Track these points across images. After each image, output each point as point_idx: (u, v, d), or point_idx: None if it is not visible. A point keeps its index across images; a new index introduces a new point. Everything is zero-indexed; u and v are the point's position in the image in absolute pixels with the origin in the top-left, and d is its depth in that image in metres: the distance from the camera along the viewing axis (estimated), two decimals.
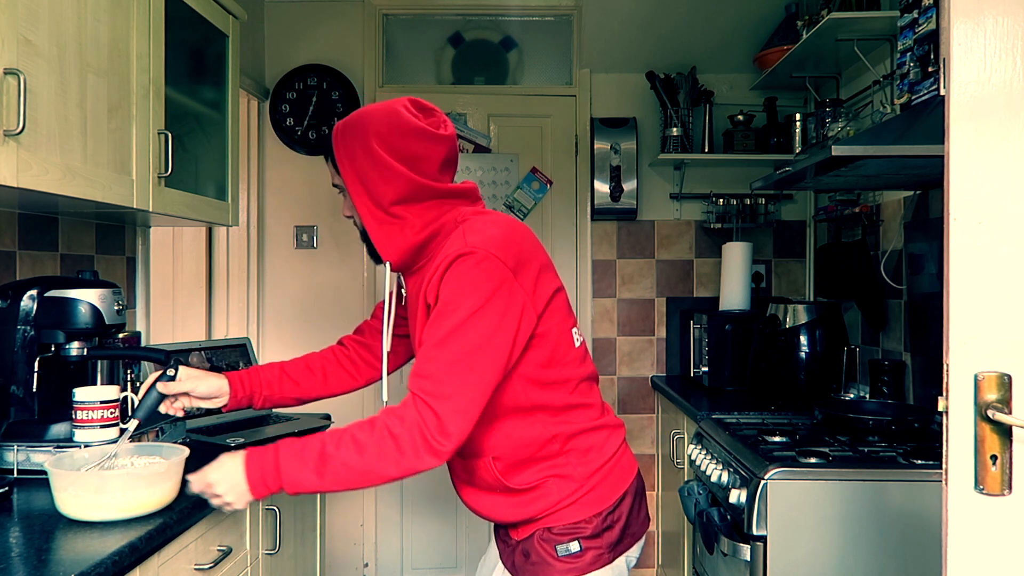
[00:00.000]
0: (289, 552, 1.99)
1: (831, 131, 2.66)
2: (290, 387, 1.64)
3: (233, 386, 1.58)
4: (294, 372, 1.66)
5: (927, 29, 1.96)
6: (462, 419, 1.28)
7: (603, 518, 1.44)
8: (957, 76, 1.03)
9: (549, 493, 1.43)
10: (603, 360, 3.45)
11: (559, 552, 1.42)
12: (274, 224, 3.36)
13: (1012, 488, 1.00)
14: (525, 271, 1.37)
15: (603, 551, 1.43)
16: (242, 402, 1.60)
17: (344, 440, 1.28)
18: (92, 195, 1.56)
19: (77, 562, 1.12)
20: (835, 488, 1.74)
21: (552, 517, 1.44)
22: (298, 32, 3.35)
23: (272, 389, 1.62)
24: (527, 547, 1.46)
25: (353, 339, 1.72)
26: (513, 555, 1.51)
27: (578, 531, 1.42)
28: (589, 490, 1.44)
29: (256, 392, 1.61)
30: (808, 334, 2.64)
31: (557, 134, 3.42)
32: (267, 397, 1.62)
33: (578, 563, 1.42)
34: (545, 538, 1.43)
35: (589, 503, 1.44)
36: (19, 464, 1.56)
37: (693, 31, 3.24)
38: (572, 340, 1.47)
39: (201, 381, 1.54)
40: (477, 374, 1.29)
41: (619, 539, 1.46)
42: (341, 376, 1.69)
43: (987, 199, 1.02)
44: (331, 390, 1.69)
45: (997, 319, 1.01)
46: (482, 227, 1.38)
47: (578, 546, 1.42)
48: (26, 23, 1.36)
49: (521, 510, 1.45)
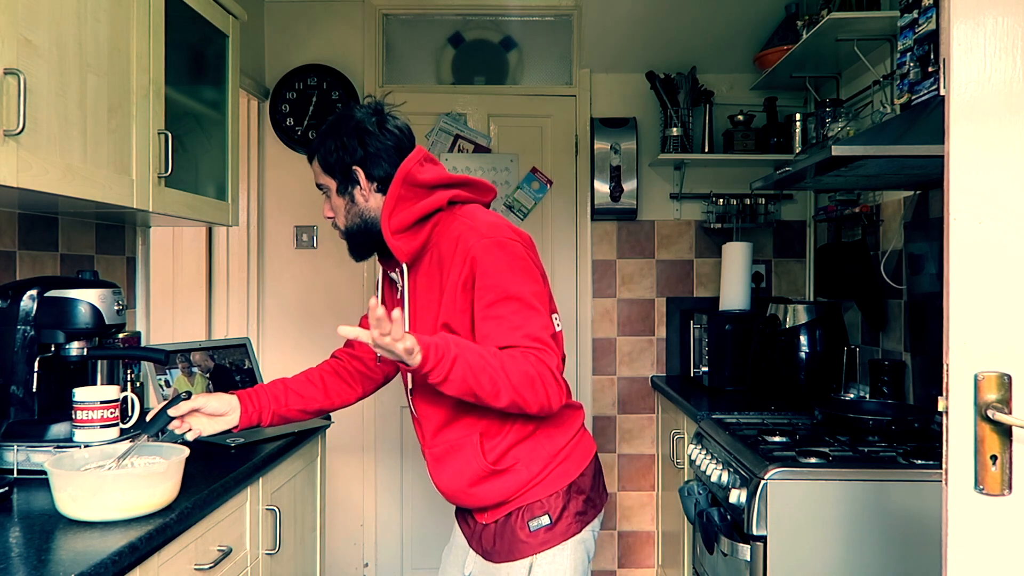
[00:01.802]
0: (289, 552, 1.99)
1: (831, 131, 2.66)
2: (296, 400, 1.69)
3: (243, 403, 1.62)
4: (297, 386, 1.70)
5: (927, 29, 1.95)
6: (560, 372, 1.44)
7: (569, 490, 1.53)
8: (957, 76, 1.03)
9: (520, 472, 1.50)
10: (603, 360, 3.46)
11: (531, 527, 1.50)
12: (274, 224, 3.36)
13: (1012, 488, 1.00)
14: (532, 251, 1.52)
15: (572, 521, 1.53)
16: (252, 418, 1.63)
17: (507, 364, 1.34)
18: (92, 195, 1.56)
19: (77, 562, 1.12)
20: (835, 488, 1.74)
21: (523, 496, 1.52)
22: (298, 32, 3.35)
23: (279, 404, 1.66)
24: (499, 528, 1.53)
25: (345, 352, 1.79)
26: (482, 538, 1.56)
27: (547, 505, 1.51)
28: (556, 465, 1.53)
29: (265, 408, 1.64)
30: (808, 334, 2.64)
31: (557, 134, 3.42)
32: (275, 412, 1.66)
33: (551, 534, 1.51)
34: (516, 516, 1.51)
35: (557, 477, 1.53)
36: (19, 464, 1.56)
37: (693, 31, 3.24)
38: (554, 324, 1.52)
39: (213, 397, 1.59)
40: (551, 330, 1.45)
41: (584, 509, 1.55)
42: (339, 387, 1.75)
43: (987, 199, 1.02)
44: (332, 402, 1.74)
45: (997, 319, 1.01)
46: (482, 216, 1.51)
47: (548, 519, 1.51)
48: (26, 23, 1.36)
49: (495, 491, 1.52)
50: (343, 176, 1.55)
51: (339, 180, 1.56)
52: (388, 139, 1.54)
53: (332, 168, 1.55)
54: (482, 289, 1.42)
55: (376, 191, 1.55)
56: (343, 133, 1.54)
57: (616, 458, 3.46)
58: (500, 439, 1.51)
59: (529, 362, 1.36)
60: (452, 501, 1.61)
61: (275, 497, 1.89)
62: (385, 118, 1.56)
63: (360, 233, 1.58)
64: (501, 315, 1.40)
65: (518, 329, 1.39)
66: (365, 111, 1.56)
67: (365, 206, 1.56)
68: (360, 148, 1.53)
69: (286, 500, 1.96)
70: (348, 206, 1.57)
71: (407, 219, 1.49)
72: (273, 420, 1.66)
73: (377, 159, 1.53)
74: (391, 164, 1.53)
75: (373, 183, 1.54)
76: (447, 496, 1.60)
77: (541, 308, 1.43)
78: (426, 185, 1.51)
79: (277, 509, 1.86)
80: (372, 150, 1.53)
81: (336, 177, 1.56)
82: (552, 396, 1.38)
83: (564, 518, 1.52)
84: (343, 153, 1.53)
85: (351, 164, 1.54)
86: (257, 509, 1.79)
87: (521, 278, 1.43)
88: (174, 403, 1.53)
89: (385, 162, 1.53)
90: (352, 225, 1.58)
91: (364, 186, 1.54)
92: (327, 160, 1.56)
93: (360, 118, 1.55)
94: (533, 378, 1.35)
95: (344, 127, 1.54)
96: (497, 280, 1.42)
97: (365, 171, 1.54)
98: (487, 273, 1.42)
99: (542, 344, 1.39)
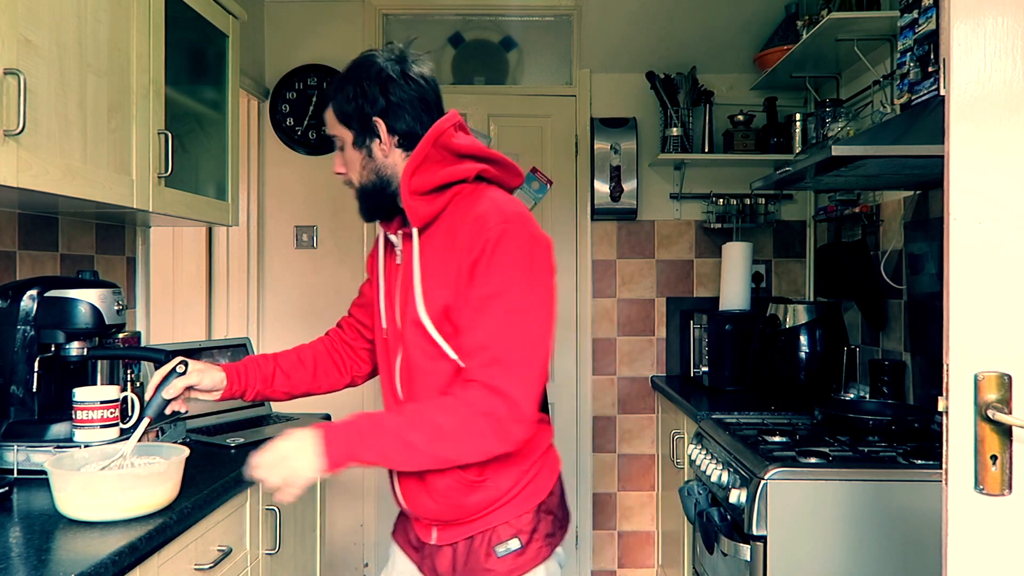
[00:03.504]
0: (289, 552, 1.99)
1: (831, 131, 2.66)
2: (282, 382, 1.60)
3: (230, 379, 1.53)
4: (287, 365, 1.62)
5: (927, 29, 1.95)
6: (532, 401, 1.27)
7: (539, 510, 1.41)
8: (957, 76, 1.03)
9: (489, 489, 1.38)
10: (603, 360, 3.46)
11: (499, 552, 1.37)
12: (274, 224, 3.36)
13: (1012, 488, 1.00)
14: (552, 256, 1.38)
15: (542, 544, 1.40)
16: (235, 394, 1.55)
17: (425, 426, 1.26)
18: (92, 195, 1.56)
19: (77, 562, 1.12)
20: (835, 488, 1.74)
21: (489, 517, 1.39)
22: (298, 32, 3.35)
23: (265, 384, 1.58)
24: (458, 554, 1.40)
25: (337, 332, 1.69)
26: (436, 564, 1.43)
27: (516, 527, 1.39)
28: (527, 483, 1.41)
29: (250, 387, 1.56)
30: (808, 334, 2.64)
31: (557, 134, 3.42)
32: (259, 392, 1.58)
33: (521, 560, 1.38)
34: (479, 541, 1.39)
35: (527, 496, 1.40)
36: (19, 464, 1.56)
37: (693, 31, 3.24)
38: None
39: (206, 374, 1.49)
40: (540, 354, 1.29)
41: (553, 530, 1.43)
42: (329, 370, 1.65)
43: (987, 199, 1.02)
44: (319, 386, 1.64)
45: (997, 319, 1.01)
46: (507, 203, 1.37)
47: (519, 543, 1.38)
48: (26, 23, 1.36)
49: (462, 506, 1.39)
50: (361, 127, 1.40)
51: (356, 131, 1.41)
52: (412, 88, 1.40)
53: (349, 118, 1.41)
54: (484, 276, 1.28)
55: (397, 146, 1.40)
56: (363, 79, 1.39)
57: (616, 458, 3.45)
58: None
59: (466, 413, 1.25)
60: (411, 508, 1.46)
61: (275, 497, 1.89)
62: (409, 65, 1.41)
63: (376, 192, 1.43)
64: (489, 313, 1.27)
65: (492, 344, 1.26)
66: (387, 56, 1.41)
67: (383, 162, 1.41)
68: (382, 97, 1.38)
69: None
70: (365, 161, 1.42)
71: (429, 182, 1.36)
72: (255, 397, 1.58)
73: (400, 111, 1.39)
74: (414, 117, 1.40)
75: (394, 137, 1.40)
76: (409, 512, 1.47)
77: (538, 320, 1.29)
78: (457, 152, 1.39)
79: (277, 509, 1.86)
80: (395, 100, 1.39)
81: (353, 128, 1.41)
82: (501, 438, 1.26)
83: (535, 541, 1.39)
84: (363, 102, 1.38)
85: (371, 115, 1.39)
86: (257, 509, 1.79)
87: (531, 281, 1.29)
88: (167, 382, 1.45)
89: (408, 115, 1.40)
90: (368, 183, 1.43)
91: (385, 140, 1.40)
92: (343, 109, 1.41)
93: (382, 64, 1.40)
94: (470, 432, 1.25)
95: (365, 73, 1.39)
96: (506, 274, 1.28)
97: (387, 123, 1.39)
98: (496, 262, 1.28)
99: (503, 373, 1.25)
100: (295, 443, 1.26)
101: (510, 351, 1.26)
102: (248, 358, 1.61)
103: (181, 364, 1.46)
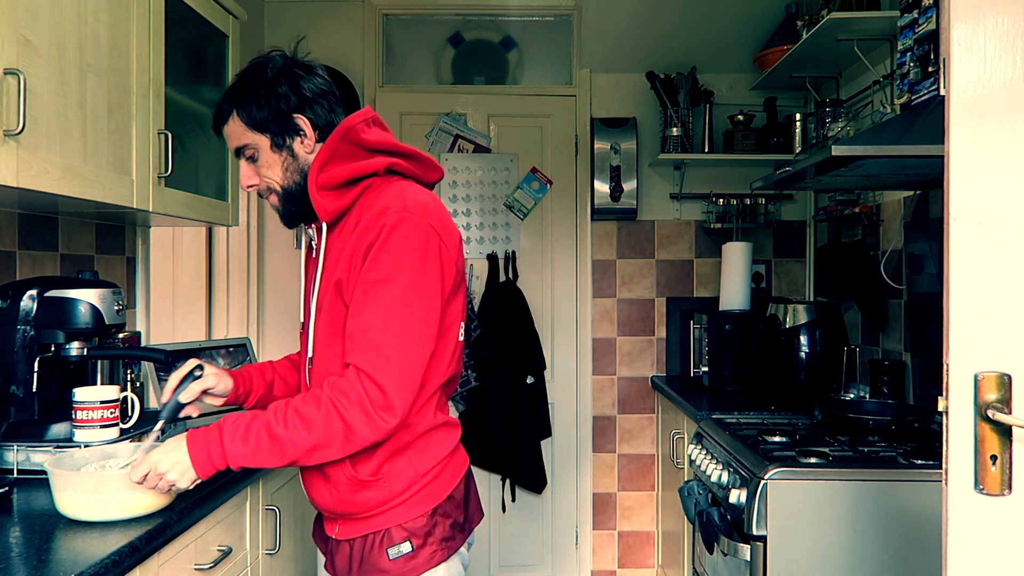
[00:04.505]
0: (289, 552, 1.99)
1: (831, 131, 2.66)
2: (280, 388, 1.64)
3: (236, 386, 1.55)
4: (284, 372, 1.66)
5: (927, 29, 1.95)
6: (406, 392, 1.26)
7: (434, 514, 1.39)
8: (957, 76, 1.03)
9: (381, 489, 1.37)
10: (603, 360, 3.46)
11: (390, 555, 1.36)
12: (274, 224, 3.36)
13: (1012, 488, 1.00)
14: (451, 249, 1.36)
15: (436, 548, 1.38)
16: (239, 400, 1.58)
17: (290, 417, 1.25)
18: (92, 195, 1.56)
19: (77, 562, 1.12)
20: (835, 488, 1.74)
21: (380, 518, 1.37)
22: (298, 32, 3.33)
23: (265, 390, 1.61)
24: (354, 551, 1.40)
25: None
26: (336, 559, 1.44)
27: (409, 531, 1.37)
28: (422, 487, 1.38)
29: (253, 393, 1.59)
30: (808, 334, 2.64)
31: (557, 134, 3.42)
32: (260, 397, 1.61)
33: (413, 563, 1.36)
34: (374, 540, 1.38)
35: (421, 500, 1.38)
36: (19, 464, 1.56)
37: (693, 31, 3.24)
38: (459, 334, 1.42)
39: (220, 380, 1.50)
40: (419, 345, 1.28)
41: (451, 534, 1.40)
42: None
43: (987, 199, 1.02)
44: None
45: (997, 319, 1.01)
46: (414, 194, 1.35)
47: (410, 546, 1.36)
48: (26, 23, 1.36)
49: (355, 501, 1.38)
50: (280, 128, 1.37)
51: (274, 133, 1.37)
52: (319, 81, 1.40)
53: (264, 122, 1.36)
54: (374, 261, 1.27)
55: (319, 141, 1.39)
56: (267, 81, 1.36)
57: (616, 458, 3.46)
58: (371, 450, 1.34)
59: (331, 402, 1.24)
60: (313, 498, 1.46)
61: (275, 497, 1.89)
62: (302, 62, 1.41)
63: (301, 193, 1.40)
64: (375, 298, 1.27)
65: (372, 329, 1.26)
66: (279, 56, 1.40)
67: (307, 159, 1.39)
68: (293, 94, 1.36)
69: (286, 500, 1.96)
70: (287, 162, 1.39)
71: (337, 176, 1.35)
72: (255, 404, 1.60)
73: (314, 103, 1.38)
74: (328, 109, 1.40)
75: (317, 131, 1.39)
76: (308, 489, 1.47)
77: (421, 312, 1.28)
78: (367, 147, 1.37)
79: (277, 509, 1.86)
80: (307, 93, 1.37)
81: (269, 131, 1.37)
82: (370, 426, 1.25)
83: (428, 545, 1.37)
84: (277, 101, 1.36)
85: (289, 111, 1.36)
86: (257, 509, 1.79)
87: (420, 272, 1.28)
88: (184, 385, 1.45)
89: (323, 107, 1.39)
90: (293, 184, 1.40)
91: (309, 135, 1.38)
92: (254, 116, 1.36)
93: (281, 63, 1.39)
94: (335, 420, 1.24)
95: (266, 75, 1.37)
96: (394, 261, 1.27)
97: (307, 117, 1.37)
98: (389, 248, 1.27)
99: (378, 359, 1.24)
100: (164, 456, 1.27)
101: (388, 338, 1.25)
102: (250, 366, 1.64)
103: (198, 368, 1.46)
